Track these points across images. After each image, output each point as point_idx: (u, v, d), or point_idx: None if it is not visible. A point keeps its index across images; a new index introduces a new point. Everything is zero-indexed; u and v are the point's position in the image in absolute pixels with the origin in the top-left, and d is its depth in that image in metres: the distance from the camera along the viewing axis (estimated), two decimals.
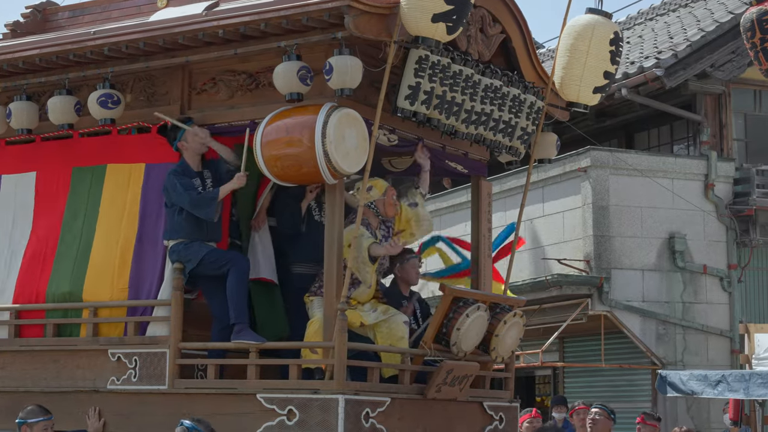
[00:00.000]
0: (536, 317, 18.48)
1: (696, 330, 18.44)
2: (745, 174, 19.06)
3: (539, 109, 9.73)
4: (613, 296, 17.92)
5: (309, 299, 8.85)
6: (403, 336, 8.91)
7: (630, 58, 20.21)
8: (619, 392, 18.63)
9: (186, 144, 8.90)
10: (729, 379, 12.17)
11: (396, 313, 9.01)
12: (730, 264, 18.84)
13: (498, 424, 9.53)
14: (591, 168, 18.11)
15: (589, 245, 18.02)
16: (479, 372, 9.15)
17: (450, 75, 8.64)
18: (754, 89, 19.98)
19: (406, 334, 8.97)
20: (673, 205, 18.49)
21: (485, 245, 10.11)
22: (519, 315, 9.21)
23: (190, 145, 8.90)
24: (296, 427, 8.10)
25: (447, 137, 9.19)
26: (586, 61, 9.49)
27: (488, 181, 10.41)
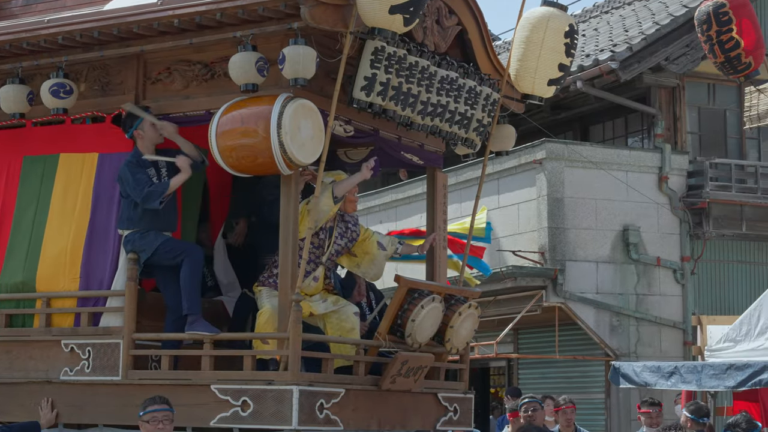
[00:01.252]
0: (491, 309, 18.54)
1: (649, 322, 18.57)
2: (698, 167, 19.20)
3: (495, 101, 9.73)
4: (567, 288, 18.00)
5: (258, 289, 8.83)
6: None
7: (585, 51, 20.29)
8: (573, 383, 18.72)
9: (142, 134, 8.83)
10: (682, 371, 12.22)
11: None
12: (684, 256, 18.98)
13: (452, 415, 9.54)
14: (546, 160, 18.17)
15: (543, 237, 18.09)
16: (434, 363, 9.16)
17: (406, 66, 8.63)
18: (708, 83, 20.12)
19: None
20: (628, 197, 18.60)
21: (440, 237, 10.10)
22: (474, 306, 9.21)
23: (146, 135, 8.83)
24: (250, 418, 8.07)
25: (403, 128, 9.17)
26: (541, 53, 9.51)
27: (444, 172, 10.40)
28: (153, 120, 8.77)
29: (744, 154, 20.47)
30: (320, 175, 8.38)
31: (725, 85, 19.94)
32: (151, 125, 8.78)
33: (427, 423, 9.34)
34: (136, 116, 8.82)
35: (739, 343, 13.40)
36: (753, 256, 19.75)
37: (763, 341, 13.08)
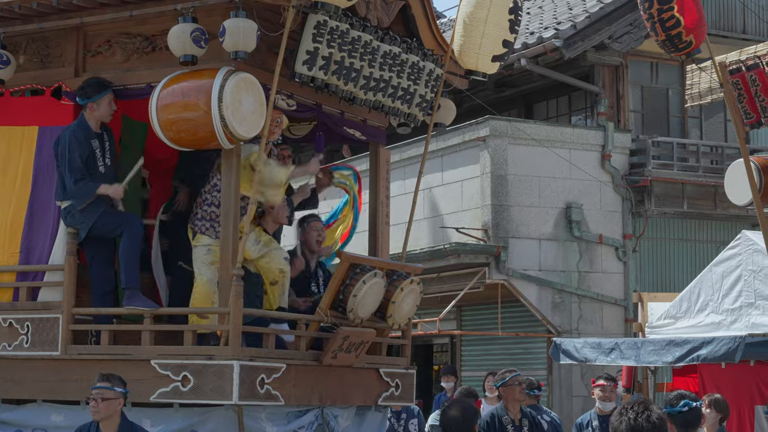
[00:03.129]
0: (434, 285, 18.57)
1: (591, 299, 18.68)
2: (641, 145, 19.31)
3: (438, 76, 9.73)
4: (510, 265, 18.06)
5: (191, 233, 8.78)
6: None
7: (530, 29, 20.33)
8: (515, 360, 18.80)
9: (95, 107, 8.70)
10: (622, 347, 12.32)
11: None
12: (626, 234, 19.09)
13: (394, 391, 9.57)
14: (490, 137, 18.20)
15: (487, 214, 18.13)
16: (376, 339, 9.17)
17: (348, 41, 8.61)
18: (651, 61, 20.22)
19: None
20: (570, 175, 18.67)
21: (383, 213, 10.11)
22: (416, 282, 9.22)
23: (99, 110, 8.71)
24: (190, 393, 8.04)
25: (345, 103, 9.14)
26: (485, 29, 9.52)
27: (388, 149, 10.39)
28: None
29: (686, 132, 20.61)
30: (262, 148, 8.35)
31: (668, 64, 20.06)
32: (107, 104, 8.67)
33: (368, 398, 9.36)
34: (100, 87, 8.69)
35: (679, 320, 13.54)
36: (694, 234, 19.92)
37: (703, 318, 13.22)
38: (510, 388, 10.62)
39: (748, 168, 10.17)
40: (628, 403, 4.67)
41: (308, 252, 9.80)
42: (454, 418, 7.49)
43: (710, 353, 11.17)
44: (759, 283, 12.64)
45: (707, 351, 11.19)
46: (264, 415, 8.34)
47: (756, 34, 20.59)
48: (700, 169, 19.60)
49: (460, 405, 7.63)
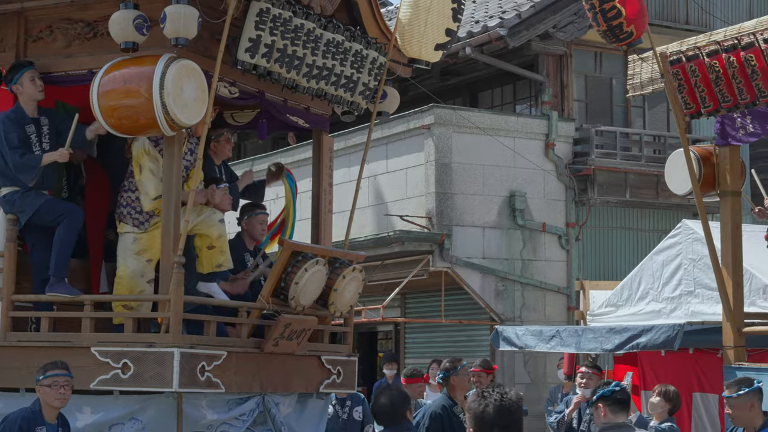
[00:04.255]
0: (378, 273, 18.61)
1: (534, 287, 18.80)
2: (584, 134, 19.43)
3: (382, 65, 9.74)
4: (454, 253, 18.13)
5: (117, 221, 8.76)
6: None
7: (475, 17, 20.39)
8: (458, 347, 18.89)
9: (21, 89, 8.65)
10: (563, 335, 12.40)
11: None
12: (569, 222, 19.22)
13: (336, 378, 9.58)
14: (434, 126, 18.25)
15: (431, 202, 18.19)
16: (317, 326, 9.18)
17: (291, 28, 8.60)
18: (594, 51, 20.35)
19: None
20: (514, 163, 18.76)
21: (326, 200, 10.12)
22: (358, 270, 9.24)
23: (25, 90, 8.65)
24: (131, 380, 8.02)
25: (288, 91, 9.13)
26: (428, 17, 9.54)
27: (331, 136, 10.40)
28: None
29: (629, 122, 20.77)
30: (203, 135, 8.34)
31: (612, 54, 20.19)
32: (30, 80, 8.61)
33: (310, 386, 9.37)
34: (18, 67, 8.63)
35: (620, 308, 13.66)
36: (636, 222, 20.08)
37: (643, 306, 13.35)
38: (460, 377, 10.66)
39: (688, 158, 10.25)
40: (486, 387, 4.74)
41: (249, 242, 9.78)
42: (383, 405, 7.50)
43: (649, 341, 11.27)
44: (698, 271, 12.77)
45: (646, 339, 11.29)
46: (204, 402, 8.33)
47: (699, 25, 20.77)
48: (642, 158, 19.77)
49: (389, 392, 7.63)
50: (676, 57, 9.95)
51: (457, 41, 17.52)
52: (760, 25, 9.56)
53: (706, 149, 10.75)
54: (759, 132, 10.22)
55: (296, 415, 9.23)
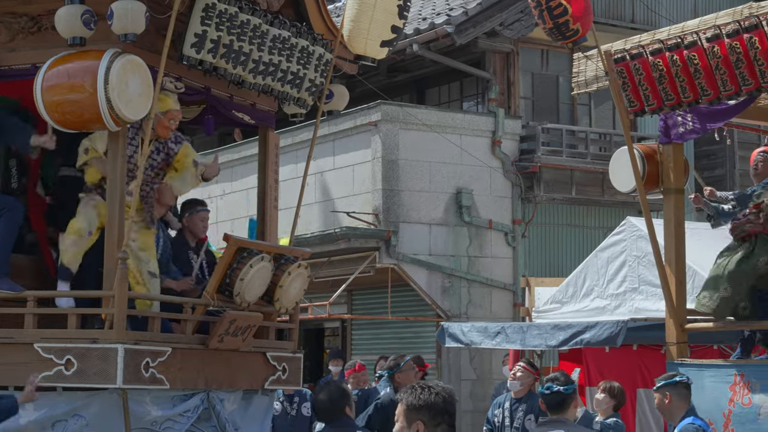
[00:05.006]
0: (325, 269, 18.61)
1: (480, 283, 18.86)
2: (530, 131, 19.53)
3: (328, 61, 9.74)
4: (400, 249, 18.17)
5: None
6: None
7: (422, 14, 20.42)
8: (405, 344, 18.93)
9: None
10: (508, 331, 12.47)
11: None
12: (515, 219, 19.31)
13: (281, 375, 9.57)
14: (381, 122, 18.27)
15: (378, 199, 18.21)
16: (263, 323, 9.17)
17: (237, 24, 8.58)
18: (541, 49, 20.45)
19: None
20: (461, 160, 18.82)
21: (272, 196, 10.10)
22: (303, 266, 9.24)
23: None
24: (74, 377, 7.97)
25: (234, 87, 9.12)
26: (374, 14, 9.54)
27: (277, 133, 10.39)
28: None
29: (575, 119, 20.89)
30: (148, 131, 8.31)
31: (558, 52, 20.28)
32: None
33: (255, 382, 9.35)
34: None
35: (565, 305, 13.76)
36: (582, 219, 20.20)
37: (588, 303, 13.46)
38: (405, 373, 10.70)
39: (632, 156, 10.32)
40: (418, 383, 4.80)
41: (190, 238, 9.76)
42: (321, 401, 7.51)
43: (593, 337, 11.36)
44: (643, 268, 12.88)
45: (590, 335, 11.38)
46: (149, 398, 8.30)
47: (645, 24, 20.91)
48: (588, 155, 19.88)
49: (328, 388, 7.64)
50: (620, 55, 10.01)
51: (404, 38, 17.57)
52: (703, 24, 9.65)
53: (650, 147, 10.83)
54: (699, 129, 10.32)
55: (241, 412, 9.22)
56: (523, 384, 11.22)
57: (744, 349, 10.38)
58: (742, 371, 9.82)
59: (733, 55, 9.13)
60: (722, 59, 9.23)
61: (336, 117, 17.76)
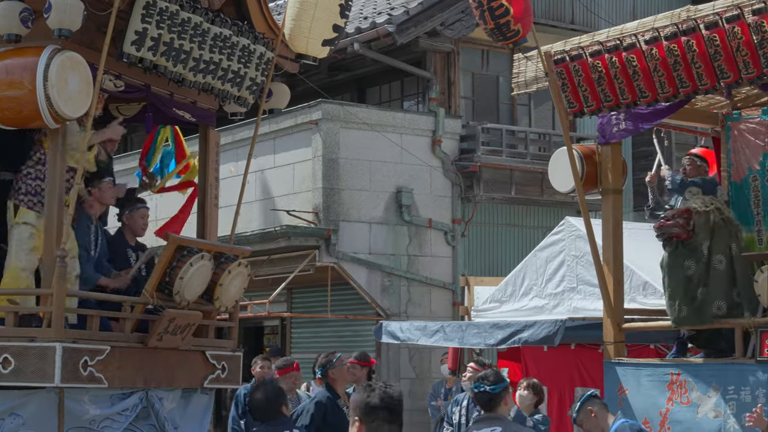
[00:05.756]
0: (265, 268, 18.58)
1: (420, 282, 18.91)
2: (471, 131, 19.60)
3: (269, 60, 9.72)
4: (340, 248, 18.18)
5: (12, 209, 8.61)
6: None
7: (363, 14, 20.44)
8: (344, 342, 18.93)
9: None
10: (447, 330, 12.53)
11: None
12: (455, 218, 19.38)
13: (220, 373, 9.55)
14: (322, 121, 18.27)
15: (318, 197, 18.21)
16: (202, 321, 9.15)
17: (178, 22, 8.56)
18: (481, 49, 20.53)
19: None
20: (401, 159, 18.86)
21: (212, 195, 10.08)
22: (243, 264, 9.23)
23: None
24: (11, 375, 7.90)
25: (174, 85, 9.08)
26: (315, 13, 9.55)
27: (218, 131, 10.37)
28: None
29: (515, 119, 20.99)
30: (88, 127, 8.26)
31: (498, 52, 20.37)
32: None
33: (194, 381, 9.33)
34: None
35: (504, 304, 13.83)
36: (521, 219, 20.30)
37: (527, 302, 13.54)
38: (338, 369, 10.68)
39: (571, 156, 10.41)
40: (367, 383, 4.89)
41: (130, 236, 9.72)
42: (257, 400, 7.52)
43: (531, 336, 11.43)
44: (581, 268, 12.98)
45: (528, 334, 11.45)
46: (87, 397, 8.25)
47: (584, 25, 21.06)
48: (528, 155, 19.99)
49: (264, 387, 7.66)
50: (560, 56, 10.10)
51: (345, 37, 17.57)
52: (641, 26, 9.75)
53: (588, 148, 10.93)
54: (631, 129, 10.44)
55: (180, 411, 9.19)
56: None
57: (680, 349, 10.50)
58: (679, 370, 9.93)
59: (671, 57, 9.24)
60: (660, 61, 9.34)
61: (277, 115, 17.75)
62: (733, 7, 8.88)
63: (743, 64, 8.84)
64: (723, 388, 9.55)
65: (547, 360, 12.62)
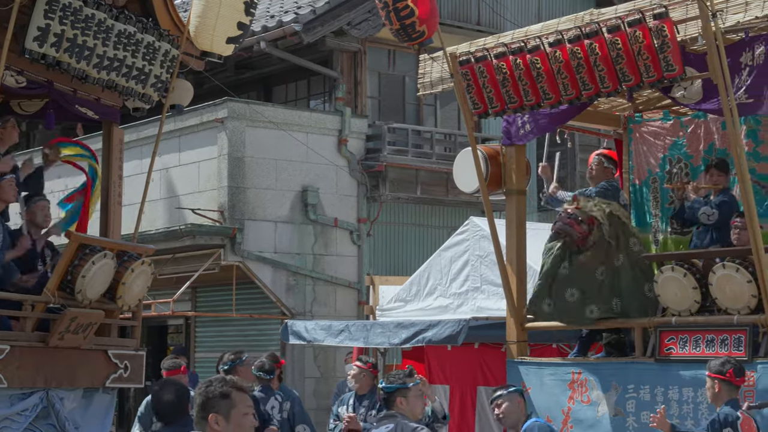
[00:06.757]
0: (169, 266, 18.46)
1: (325, 281, 18.92)
2: (377, 131, 19.63)
3: (174, 57, 9.68)
4: (246, 247, 18.12)
5: None
6: None
7: (270, 12, 20.39)
8: (249, 341, 18.88)
9: None
10: (351, 329, 12.53)
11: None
12: (360, 218, 19.40)
13: (123, 372, 9.49)
14: (228, 119, 18.19)
15: (223, 196, 18.13)
16: (105, 320, 9.08)
17: (82, 18, 8.49)
18: (388, 49, 20.57)
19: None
20: (308, 158, 18.84)
21: (115, 192, 10.01)
22: (147, 263, 9.18)
23: None
24: None
25: (78, 82, 9.01)
26: (220, 11, 9.52)
27: (122, 128, 10.29)
28: None
29: (421, 119, 21.07)
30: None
31: (405, 52, 20.43)
32: None
33: (96, 380, 9.27)
34: None
35: (409, 303, 13.88)
36: (426, 219, 20.38)
37: (431, 301, 13.59)
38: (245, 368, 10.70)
39: (476, 157, 10.48)
40: (210, 379, 4.89)
41: (34, 230, 9.62)
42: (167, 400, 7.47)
43: (435, 335, 11.47)
44: (485, 268, 13.06)
45: (432, 333, 11.49)
46: None
47: (490, 26, 21.20)
48: (433, 156, 20.07)
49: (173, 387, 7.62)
50: (465, 58, 10.16)
51: (251, 35, 17.51)
52: (546, 29, 9.85)
53: (493, 148, 11.00)
54: (535, 132, 10.55)
55: (81, 410, 9.12)
56: (359, 382, 11.25)
57: (582, 348, 10.62)
58: (580, 369, 10.05)
59: (574, 60, 9.34)
60: (564, 64, 9.43)
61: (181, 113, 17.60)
62: (635, 11, 9.01)
63: (644, 67, 8.96)
64: (623, 386, 9.69)
65: (451, 359, 12.67)
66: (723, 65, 8.55)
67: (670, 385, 9.33)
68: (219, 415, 4.73)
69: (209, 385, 4.82)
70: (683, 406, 9.22)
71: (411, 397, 7.65)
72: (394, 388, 7.57)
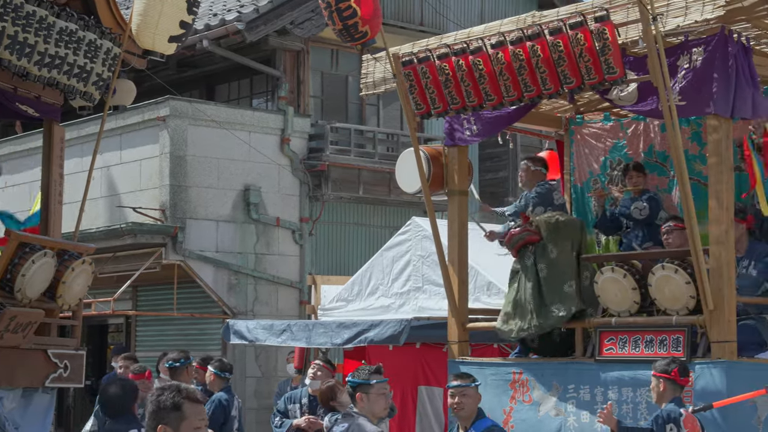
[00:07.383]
0: (110, 265, 18.36)
1: (267, 281, 18.89)
2: (319, 130, 19.64)
3: (116, 55, 9.62)
4: (187, 246, 18.06)
5: None
6: None
7: (213, 10, 20.34)
8: (190, 340, 18.83)
9: None
10: (293, 329, 12.53)
11: None
12: (302, 217, 19.40)
13: (63, 372, 9.42)
14: (170, 118, 18.12)
15: (165, 194, 18.06)
16: (45, 319, 9.01)
17: (23, 15, 8.41)
18: (331, 48, 20.58)
19: None
20: (250, 157, 18.81)
21: (56, 191, 9.93)
22: (88, 262, 9.12)
23: None
24: None
25: (18, 79, 8.93)
26: (163, 9, 9.46)
27: (63, 126, 10.21)
28: None
29: (364, 119, 21.09)
30: None
31: (348, 52, 20.44)
32: None
33: (35, 380, 9.18)
34: None
35: (351, 303, 13.90)
36: (368, 218, 20.41)
37: (373, 301, 13.63)
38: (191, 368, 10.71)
39: (418, 157, 10.51)
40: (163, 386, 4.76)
41: None
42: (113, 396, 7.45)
43: (377, 335, 11.50)
44: (427, 268, 13.12)
45: (374, 333, 11.52)
46: None
47: (433, 27, 21.26)
48: (376, 155, 20.11)
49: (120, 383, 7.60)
50: (408, 58, 10.18)
51: (194, 33, 17.44)
52: (488, 30, 9.88)
53: (435, 149, 11.03)
54: (482, 133, 10.58)
55: (21, 411, 9.04)
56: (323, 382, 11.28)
57: (523, 348, 10.67)
58: (521, 369, 10.10)
59: (516, 61, 9.38)
60: (506, 65, 9.47)
61: (123, 111, 17.55)
62: (576, 14, 9.06)
63: (586, 69, 9.02)
64: (563, 387, 9.75)
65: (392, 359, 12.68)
66: (663, 68, 8.62)
67: (610, 385, 9.40)
68: (168, 428, 4.47)
69: (161, 393, 4.56)
70: (623, 406, 9.29)
71: (372, 395, 7.65)
72: (356, 383, 7.57)
